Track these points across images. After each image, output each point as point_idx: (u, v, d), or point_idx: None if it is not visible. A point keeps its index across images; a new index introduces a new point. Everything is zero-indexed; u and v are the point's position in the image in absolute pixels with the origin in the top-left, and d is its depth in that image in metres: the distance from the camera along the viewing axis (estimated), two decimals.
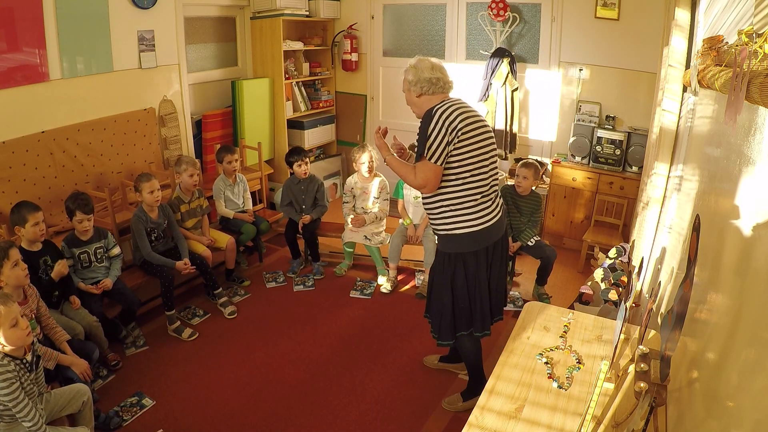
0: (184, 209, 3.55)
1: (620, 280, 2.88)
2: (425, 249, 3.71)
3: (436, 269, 2.39)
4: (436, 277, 2.40)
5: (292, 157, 3.93)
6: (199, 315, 3.43)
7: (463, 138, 2.13)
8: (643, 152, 3.85)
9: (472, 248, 2.26)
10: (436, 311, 2.42)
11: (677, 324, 1.31)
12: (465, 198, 2.21)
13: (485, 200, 2.24)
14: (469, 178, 2.19)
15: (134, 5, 3.73)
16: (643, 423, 1.30)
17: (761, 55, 1.01)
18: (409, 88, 2.30)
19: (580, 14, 4.15)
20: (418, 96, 2.28)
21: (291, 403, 2.65)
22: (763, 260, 0.97)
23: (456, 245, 2.27)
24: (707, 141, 1.84)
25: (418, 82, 2.26)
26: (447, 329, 2.40)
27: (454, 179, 2.19)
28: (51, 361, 2.26)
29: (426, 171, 2.16)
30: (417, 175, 2.20)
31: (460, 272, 2.30)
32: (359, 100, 5.51)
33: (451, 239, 2.27)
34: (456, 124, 2.11)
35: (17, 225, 2.60)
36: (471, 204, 2.21)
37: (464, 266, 2.29)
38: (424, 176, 2.18)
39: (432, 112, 2.15)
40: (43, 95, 3.30)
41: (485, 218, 2.24)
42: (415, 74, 2.26)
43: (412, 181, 2.25)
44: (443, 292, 2.36)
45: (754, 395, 0.89)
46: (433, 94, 2.26)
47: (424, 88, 2.25)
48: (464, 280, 2.30)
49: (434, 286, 2.42)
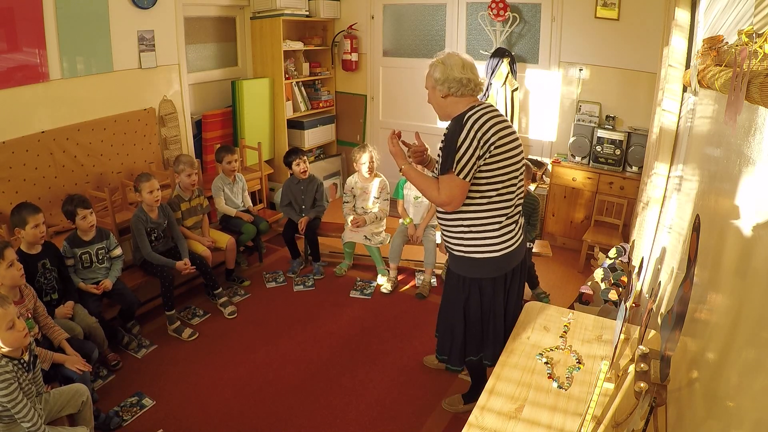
0: (185, 207, 3.55)
1: (620, 280, 2.88)
2: (425, 249, 3.71)
3: (449, 289, 2.19)
4: (448, 297, 2.21)
5: (290, 157, 3.92)
6: (199, 315, 3.43)
7: (495, 153, 1.90)
8: (643, 152, 3.85)
9: (491, 275, 2.06)
10: (446, 332, 2.26)
11: (677, 324, 1.31)
12: (489, 220, 1.99)
13: (509, 222, 2.03)
14: (495, 197, 1.97)
15: (134, 5, 3.73)
16: (643, 423, 1.30)
17: (761, 55, 1.01)
18: (434, 86, 2.03)
19: (580, 14, 4.15)
20: (444, 96, 2.02)
21: (291, 403, 2.65)
22: (763, 260, 0.97)
23: (473, 270, 2.07)
24: (707, 141, 1.84)
25: (445, 82, 1.99)
26: (457, 354, 2.23)
27: (479, 198, 1.97)
28: (46, 362, 2.25)
29: (452, 187, 1.91)
30: (441, 191, 1.94)
31: (475, 298, 2.11)
32: (359, 100, 5.51)
33: (467, 262, 2.07)
34: (489, 136, 1.88)
35: (17, 227, 2.59)
36: (495, 227, 2.00)
37: (480, 292, 2.10)
38: (450, 193, 1.93)
39: (463, 120, 1.91)
40: (43, 95, 3.30)
41: (508, 242, 2.03)
42: (444, 72, 1.99)
43: (434, 197, 1.99)
44: (455, 314, 2.17)
45: (754, 395, 0.89)
46: (461, 97, 2.01)
47: (453, 88, 1.99)
48: (479, 306, 2.12)
49: (446, 306, 2.24)
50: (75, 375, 2.30)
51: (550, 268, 4.03)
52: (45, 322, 2.44)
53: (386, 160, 4.83)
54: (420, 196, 3.71)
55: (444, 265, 3.91)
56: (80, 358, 2.37)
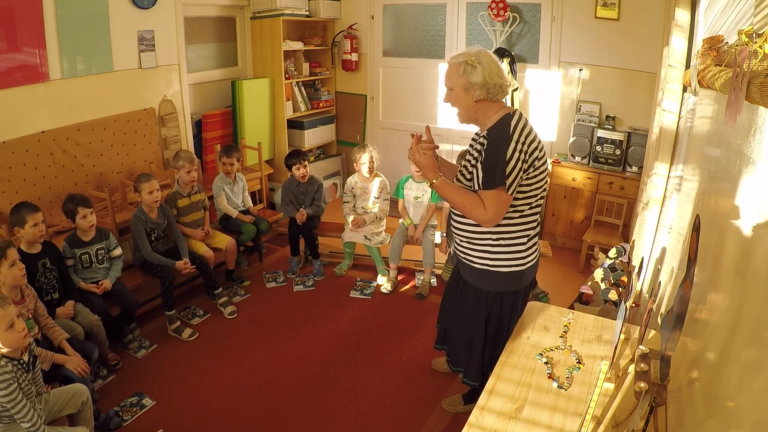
0: (184, 203, 3.54)
1: (620, 280, 2.88)
2: (424, 249, 3.71)
3: (468, 305, 2.11)
4: (466, 313, 2.13)
5: (291, 160, 3.91)
6: (199, 315, 3.43)
7: (538, 165, 1.83)
8: (643, 152, 3.85)
9: (514, 288, 2.01)
10: (462, 346, 2.18)
11: (677, 324, 1.31)
12: (519, 234, 1.92)
13: (534, 234, 1.98)
14: (527, 211, 1.89)
15: (134, 5, 3.73)
16: (643, 423, 1.30)
17: (761, 55, 1.01)
18: (467, 88, 1.85)
19: (580, 14, 4.15)
20: (477, 100, 1.86)
21: (291, 403, 2.65)
22: (763, 260, 0.97)
23: (496, 284, 2.01)
24: (707, 141, 1.84)
25: (485, 86, 1.83)
26: (476, 368, 2.16)
27: (512, 212, 1.87)
28: (46, 362, 2.25)
29: (500, 203, 1.77)
30: (489, 209, 1.78)
31: (496, 311, 2.06)
32: (359, 100, 5.51)
33: (491, 276, 1.99)
34: (532, 149, 1.79)
35: (17, 226, 2.59)
36: (523, 240, 1.93)
37: (501, 305, 2.05)
38: (497, 210, 1.78)
39: (510, 131, 1.77)
40: (43, 95, 3.30)
41: (532, 255, 1.99)
42: (484, 75, 1.82)
43: (480, 215, 1.81)
44: (474, 329, 2.10)
45: (754, 395, 0.89)
46: (495, 102, 1.89)
47: (492, 92, 1.85)
48: (498, 319, 2.08)
49: (462, 321, 2.16)
50: (75, 375, 2.30)
51: (550, 268, 4.03)
52: (45, 323, 2.44)
53: (386, 161, 4.83)
54: (420, 196, 3.70)
55: (444, 265, 3.92)
56: (80, 359, 2.37)
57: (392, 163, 5.19)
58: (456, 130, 4.95)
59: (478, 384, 2.20)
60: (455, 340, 2.25)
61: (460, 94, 1.88)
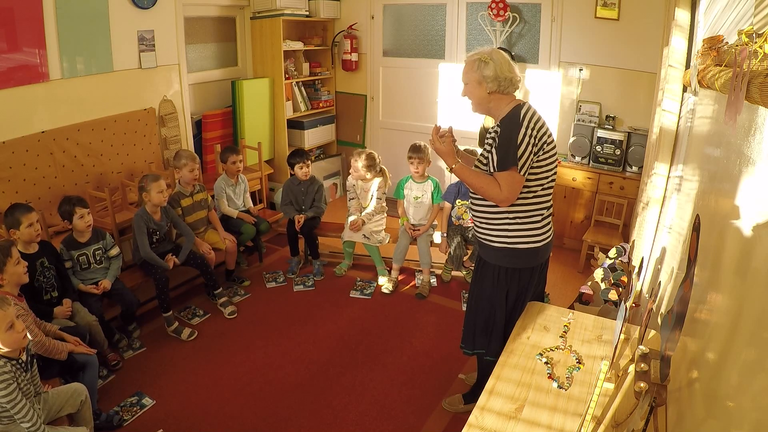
0: (187, 203, 3.53)
1: (620, 280, 2.87)
2: (419, 249, 3.72)
3: (486, 285, 2.21)
4: (484, 292, 2.23)
5: (294, 159, 3.93)
6: (199, 315, 3.43)
7: (547, 149, 1.99)
8: (643, 152, 3.85)
9: (530, 264, 2.14)
10: (482, 327, 2.27)
11: (677, 324, 1.31)
12: (534, 212, 2.07)
13: (549, 213, 2.13)
14: (540, 192, 2.05)
15: (134, 5, 3.73)
16: (643, 423, 1.30)
17: (761, 55, 1.01)
18: (480, 82, 2.04)
19: (580, 14, 4.15)
20: (490, 93, 2.05)
21: (291, 403, 2.65)
22: (763, 260, 0.97)
23: (514, 260, 2.13)
24: (707, 141, 1.84)
25: (496, 79, 2.01)
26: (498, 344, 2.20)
27: (526, 192, 2.03)
28: (63, 352, 2.30)
29: (514, 183, 1.96)
30: (503, 189, 1.97)
31: (514, 287, 2.17)
32: (359, 100, 5.51)
33: (509, 253, 2.12)
34: (541, 133, 1.97)
35: (12, 228, 2.59)
36: (538, 218, 2.08)
37: (519, 281, 2.17)
38: (512, 189, 1.96)
39: (520, 118, 1.96)
40: (43, 95, 3.30)
41: (548, 233, 2.13)
42: (495, 70, 2.01)
43: (496, 194, 2.00)
44: (497, 308, 2.20)
45: (754, 395, 0.89)
46: (507, 94, 2.07)
47: (502, 86, 2.03)
48: (516, 294, 2.19)
49: (480, 300, 2.26)
50: (88, 357, 2.37)
51: (550, 268, 3.94)
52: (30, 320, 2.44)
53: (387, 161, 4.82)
54: (420, 197, 3.71)
55: (444, 265, 3.92)
56: (82, 343, 2.43)
57: (392, 164, 5.17)
58: (456, 130, 4.93)
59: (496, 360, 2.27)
60: (475, 322, 2.31)
61: (475, 87, 2.08)
